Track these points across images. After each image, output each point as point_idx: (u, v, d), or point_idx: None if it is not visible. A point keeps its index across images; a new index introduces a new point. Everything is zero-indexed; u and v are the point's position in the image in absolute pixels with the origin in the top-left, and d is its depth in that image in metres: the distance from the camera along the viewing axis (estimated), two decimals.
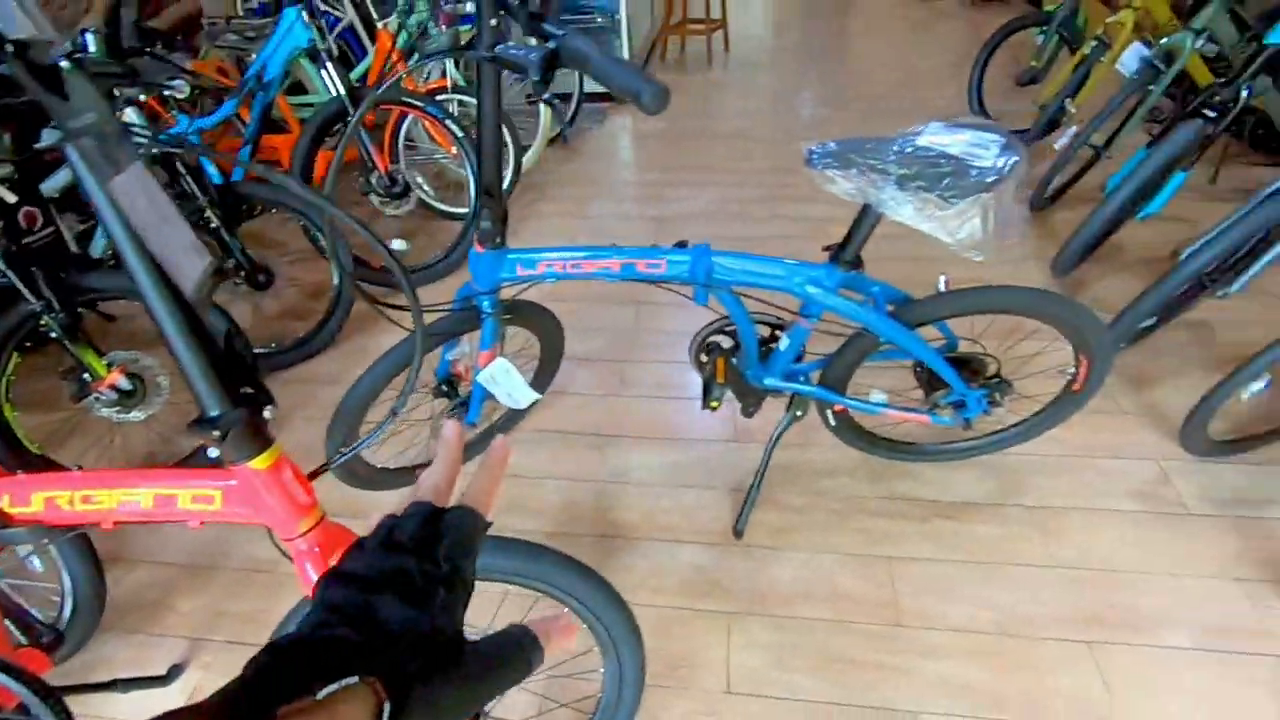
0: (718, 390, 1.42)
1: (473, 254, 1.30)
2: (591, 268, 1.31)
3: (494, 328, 1.39)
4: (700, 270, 1.29)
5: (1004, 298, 1.34)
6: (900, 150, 1.16)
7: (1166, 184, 2.11)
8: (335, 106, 2.28)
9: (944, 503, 1.59)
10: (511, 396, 1.46)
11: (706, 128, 3.83)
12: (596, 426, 1.87)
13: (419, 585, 0.32)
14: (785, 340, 1.45)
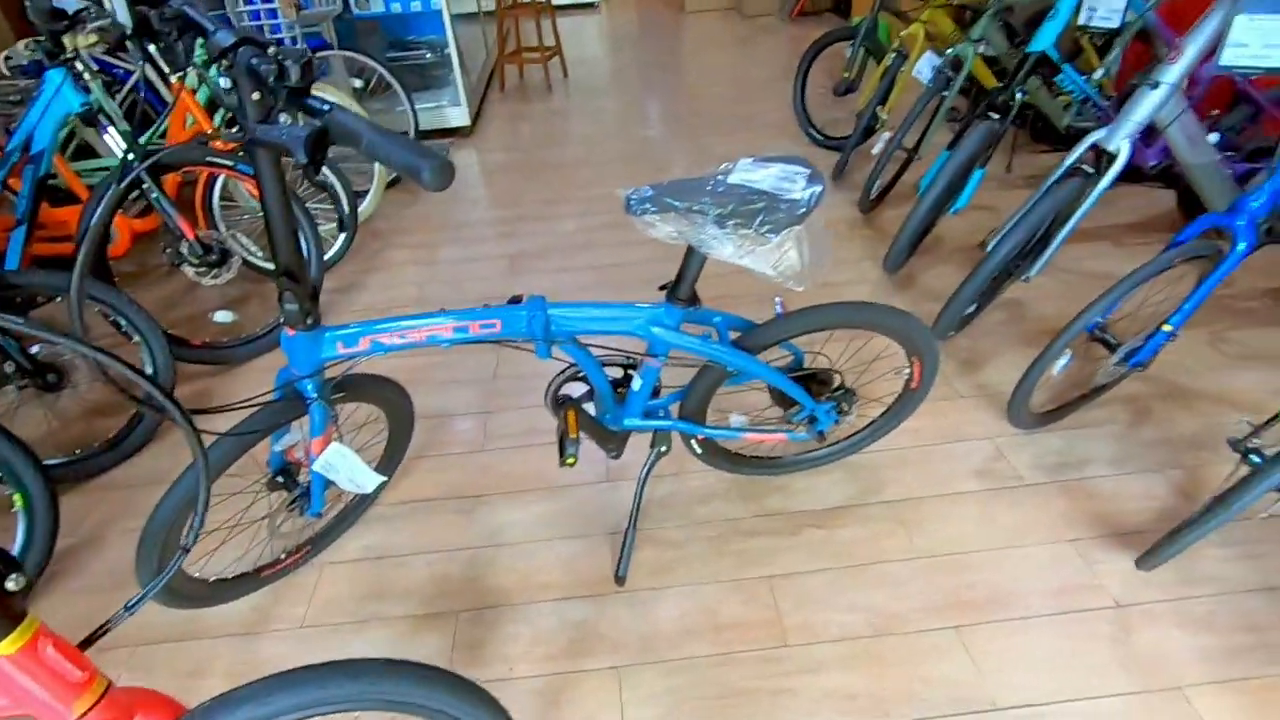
0: (571, 446, 1.38)
1: (284, 338, 1.19)
2: (421, 335, 1.24)
3: (323, 412, 1.27)
4: (537, 325, 1.25)
5: (833, 314, 1.40)
6: (714, 189, 1.17)
7: (969, 181, 2.32)
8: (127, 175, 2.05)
9: (812, 511, 1.64)
10: (354, 482, 1.34)
11: (551, 157, 3.82)
12: (462, 488, 1.77)
13: None
14: (638, 380, 1.43)
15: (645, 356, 1.39)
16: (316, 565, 1.59)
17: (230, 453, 1.23)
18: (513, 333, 1.25)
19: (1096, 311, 1.54)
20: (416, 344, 1.24)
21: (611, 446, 1.53)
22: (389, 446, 1.64)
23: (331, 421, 1.31)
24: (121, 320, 1.90)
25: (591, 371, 1.39)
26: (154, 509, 1.21)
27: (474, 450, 1.89)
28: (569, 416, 1.40)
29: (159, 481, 1.83)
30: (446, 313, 1.23)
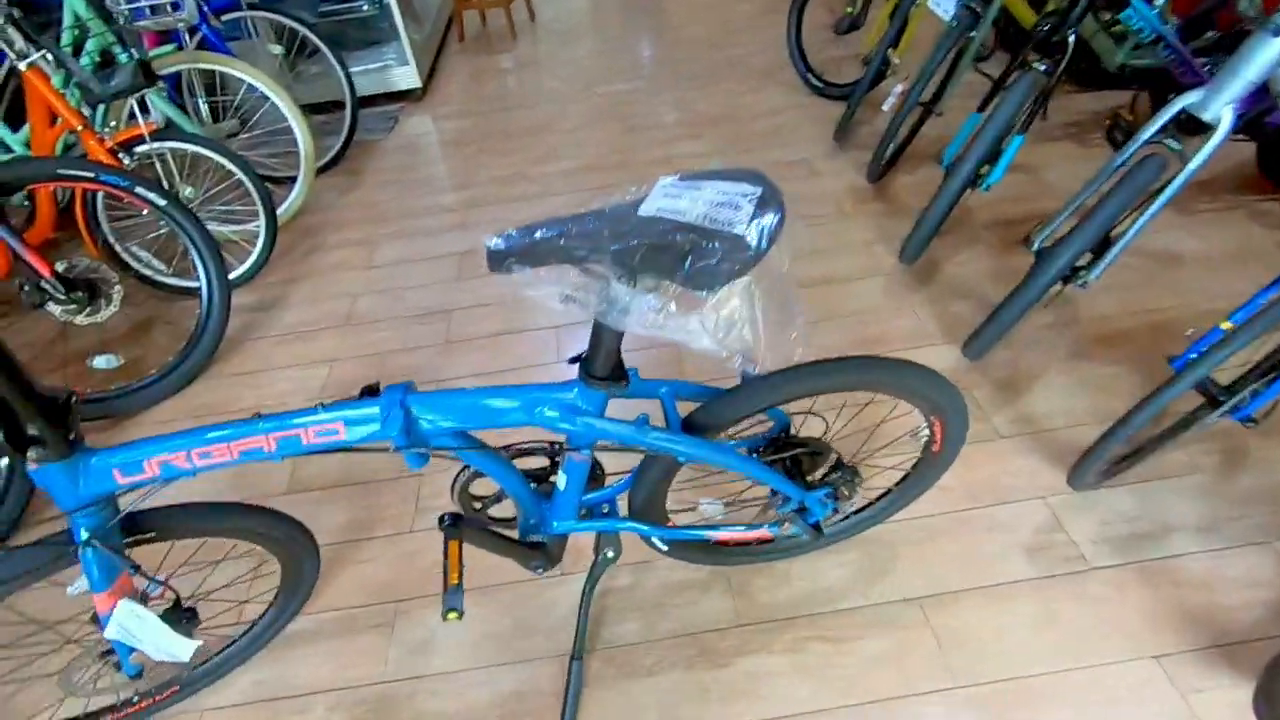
0: (453, 599, 1.01)
1: (37, 475, 0.83)
2: (232, 452, 0.87)
3: (103, 561, 0.92)
4: (397, 426, 0.87)
5: (824, 378, 1.01)
6: (617, 228, 0.76)
7: (1006, 150, 1.87)
8: None
9: (817, 615, 1.29)
10: (160, 648, 0.99)
11: (513, 121, 3.33)
12: (383, 590, 1.43)
13: None
14: (562, 478, 1.06)
15: (566, 450, 1.02)
16: (194, 714, 1.26)
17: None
18: (364, 438, 0.89)
19: (1215, 361, 1.13)
20: (227, 464, 0.88)
21: (538, 562, 1.17)
22: (283, 587, 1.27)
23: (124, 572, 0.95)
24: None
25: (493, 472, 1.03)
26: None
27: (400, 532, 1.54)
28: (450, 551, 1.03)
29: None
30: (267, 418, 0.87)
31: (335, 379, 1.96)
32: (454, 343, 2.03)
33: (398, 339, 2.07)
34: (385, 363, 1.99)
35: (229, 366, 2.06)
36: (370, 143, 3.30)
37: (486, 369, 1.93)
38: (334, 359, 2.03)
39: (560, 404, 0.93)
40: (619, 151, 2.92)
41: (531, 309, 2.09)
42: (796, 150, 2.72)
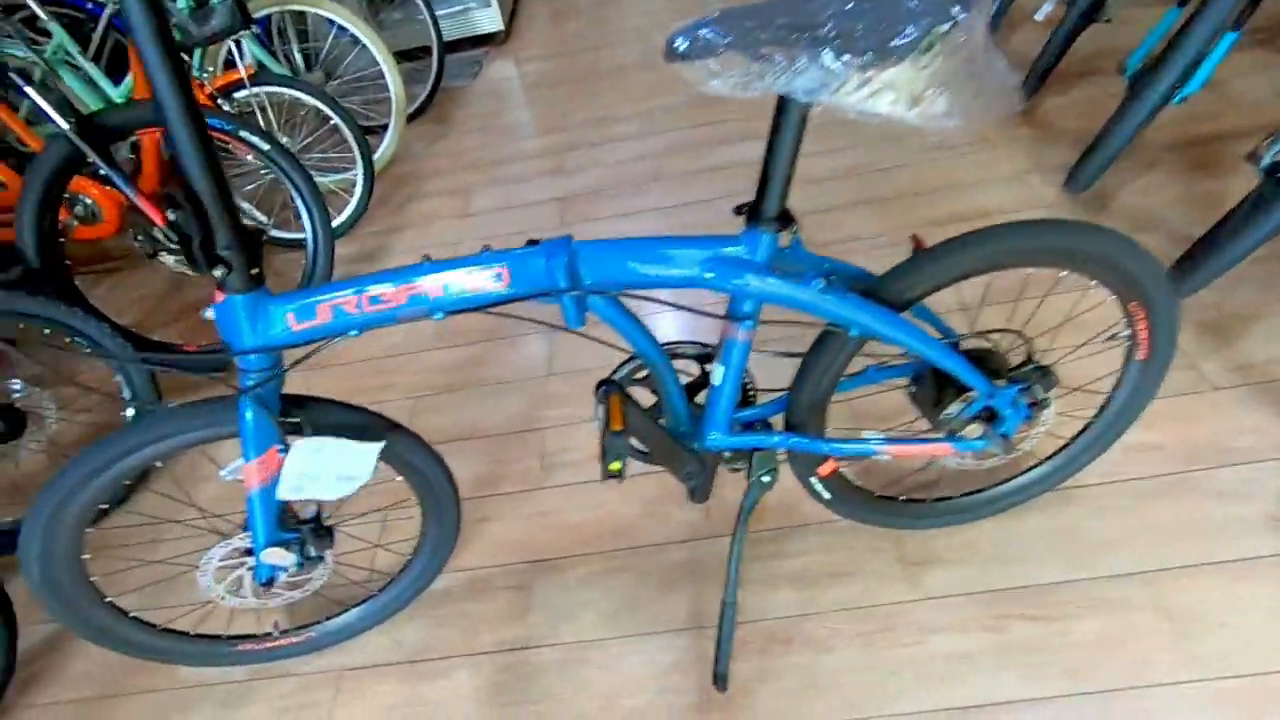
0: (615, 446, 0.95)
1: (216, 309, 0.81)
2: (399, 297, 0.82)
3: (260, 422, 0.88)
4: (559, 273, 0.82)
5: (1008, 242, 0.87)
6: (802, 9, 0.68)
7: (1211, 52, 1.58)
8: (64, 150, 1.60)
9: (1015, 590, 1.12)
10: (344, 478, 0.95)
11: (602, 61, 3.14)
12: (517, 548, 1.34)
13: None
14: (719, 370, 0.95)
15: (726, 326, 0.92)
16: (333, 673, 1.21)
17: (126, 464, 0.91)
18: (527, 288, 0.84)
19: None
20: (395, 313, 0.83)
21: (691, 470, 1.05)
22: (425, 536, 1.19)
23: (273, 446, 0.91)
24: (81, 341, 1.51)
25: (645, 350, 0.93)
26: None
27: (530, 488, 1.44)
28: (611, 404, 0.96)
29: (138, 544, 1.48)
30: (434, 264, 0.82)
31: (445, 328, 1.88)
32: None
33: None
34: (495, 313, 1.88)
35: None
36: (456, 90, 3.18)
37: None
38: None
39: (726, 258, 0.84)
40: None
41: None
42: None
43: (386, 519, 1.41)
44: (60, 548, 0.95)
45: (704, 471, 1.08)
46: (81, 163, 1.67)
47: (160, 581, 1.36)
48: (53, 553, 0.95)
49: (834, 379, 0.99)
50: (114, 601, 1.06)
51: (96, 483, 0.91)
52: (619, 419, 0.94)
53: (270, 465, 0.93)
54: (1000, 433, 1.01)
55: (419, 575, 1.23)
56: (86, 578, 1.02)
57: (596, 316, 0.88)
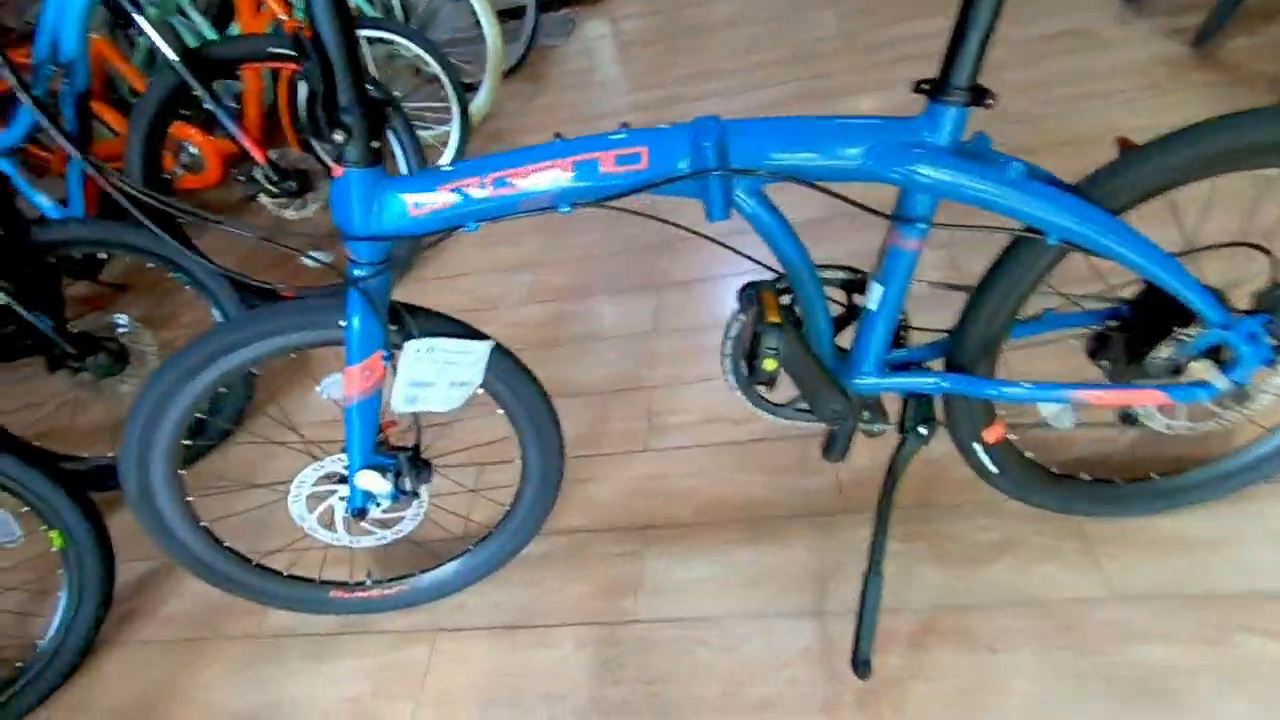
0: (774, 338, 0.81)
1: (331, 187, 0.75)
2: (525, 180, 0.73)
3: (367, 321, 0.82)
4: (707, 151, 0.70)
5: (1255, 133, 0.69)
6: None
7: None
8: (170, 83, 1.57)
9: (1241, 597, 0.92)
10: (456, 384, 0.89)
11: (701, 16, 2.98)
12: (624, 513, 1.22)
13: None
14: (875, 290, 0.81)
15: (890, 232, 0.78)
16: (428, 633, 1.12)
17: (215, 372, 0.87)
18: (667, 170, 0.73)
19: None
20: (520, 198, 0.74)
21: (837, 407, 0.89)
22: (524, 483, 1.09)
23: (378, 351, 0.85)
24: (182, 276, 1.47)
25: (789, 256, 0.79)
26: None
27: (635, 449, 1.32)
28: (765, 298, 0.84)
29: (248, 477, 1.44)
30: (565, 143, 0.73)
31: (542, 283, 1.77)
32: (672, 243, 1.77)
33: (607, 242, 1.84)
34: (595, 267, 1.77)
35: (429, 270, 1.94)
36: (549, 48, 3.09)
37: (715, 272, 1.66)
38: (539, 263, 1.84)
39: (901, 140, 0.70)
40: (837, 37, 2.49)
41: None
42: (1072, 18, 2.18)
43: (481, 472, 1.32)
44: (157, 456, 0.91)
45: (850, 414, 0.92)
46: (185, 100, 1.64)
47: (261, 508, 1.31)
48: (150, 459, 0.91)
49: (1016, 304, 0.82)
50: (209, 527, 1.01)
51: (192, 385, 0.87)
52: (775, 310, 0.80)
53: (374, 372, 0.86)
54: (1233, 379, 0.81)
55: (518, 529, 1.12)
56: (183, 495, 0.98)
57: (741, 215, 0.75)
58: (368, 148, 0.72)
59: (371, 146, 0.72)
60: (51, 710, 1.17)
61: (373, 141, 0.72)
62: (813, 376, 0.87)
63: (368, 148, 0.72)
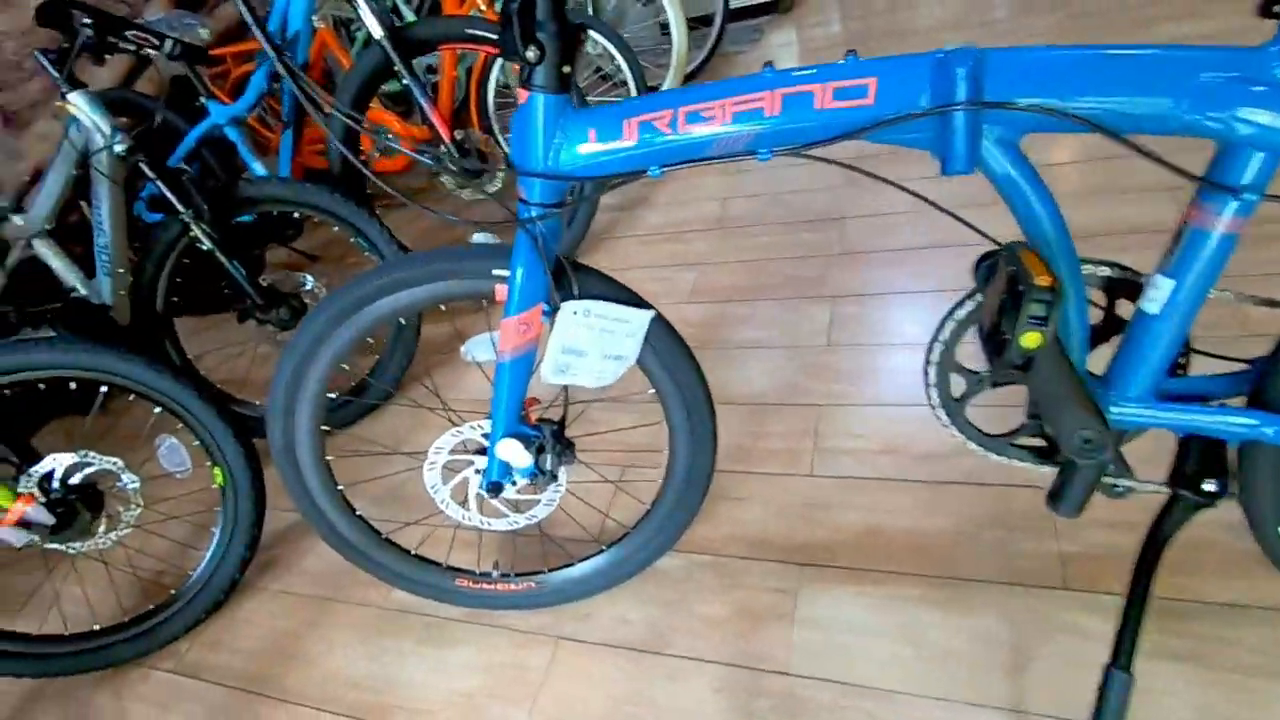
0: (1042, 303, 0.60)
1: (516, 115, 0.68)
2: (724, 115, 0.62)
3: (532, 266, 0.74)
4: (958, 82, 0.56)
5: None
6: None
7: None
8: (375, 59, 1.64)
9: None
10: (610, 357, 0.80)
11: (902, 22, 2.76)
12: (778, 541, 1.05)
13: None
14: (1160, 289, 0.62)
15: (1192, 208, 0.59)
16: (550, 638, 1.02)
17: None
18: (900, 107, 0.59)
19: None
20: (713, 139, 0.63)
21: (1088, 438, 0.65)
22: (669, 479, 0.96)
23: (539, 304, 0.77)
24: (363, 243, 1.51)
25: (1046, 231, 0.62)
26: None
27: (796, 471, 1.15)
28: (1027, 257, 0.63)
29: (396, 444, 1.44)
30: (777, 73, 0.62)
31: (705, 282, 1.66)
32: (854, 254, 1.59)
33: (779, 245, 1.69)
34: (765, 271, 1.63)
35: (591, 262, 1.88)
36: (732, 55, 3.00)
37: (900, 287, 1.46)
38: (704, 262, 1.73)
39: (1230, 75, 0.51)
40: (1074, 38, 2.19)
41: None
42: None
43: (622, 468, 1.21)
44: (304, 402, 0.89)
45: (1106, 448, 0.70)
46: (384, 77, 1.71)
47: (396, 474, 1.29)
48: (297, 408, 0.89)
49: None
50: (344, 492, 0.97)
51: (341, 331, 0.84)
52: (1044, 270, 0.61)
53: (531, 327, 0.78)
54: None
55: (657, 531, 1.00)
56: (323, 453, 0.95)
57: (985, 173, 0.61)
58: (558, 71, 0.65)
59: (563, 71, 0.65)
60: (191, 642, 1.20)
61: (564, 66, 0.65)
62: (1067, 386, 0.66)
63: (558, 71, 0.65)
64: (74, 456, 1.09)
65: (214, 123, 1.80)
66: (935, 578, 0.95)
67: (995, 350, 0.65)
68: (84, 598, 1.27)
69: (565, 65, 0.65)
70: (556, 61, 0.64)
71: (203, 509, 1.34)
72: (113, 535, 1.14)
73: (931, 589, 0.94)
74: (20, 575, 1.43)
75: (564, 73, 0.65)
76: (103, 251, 1.48)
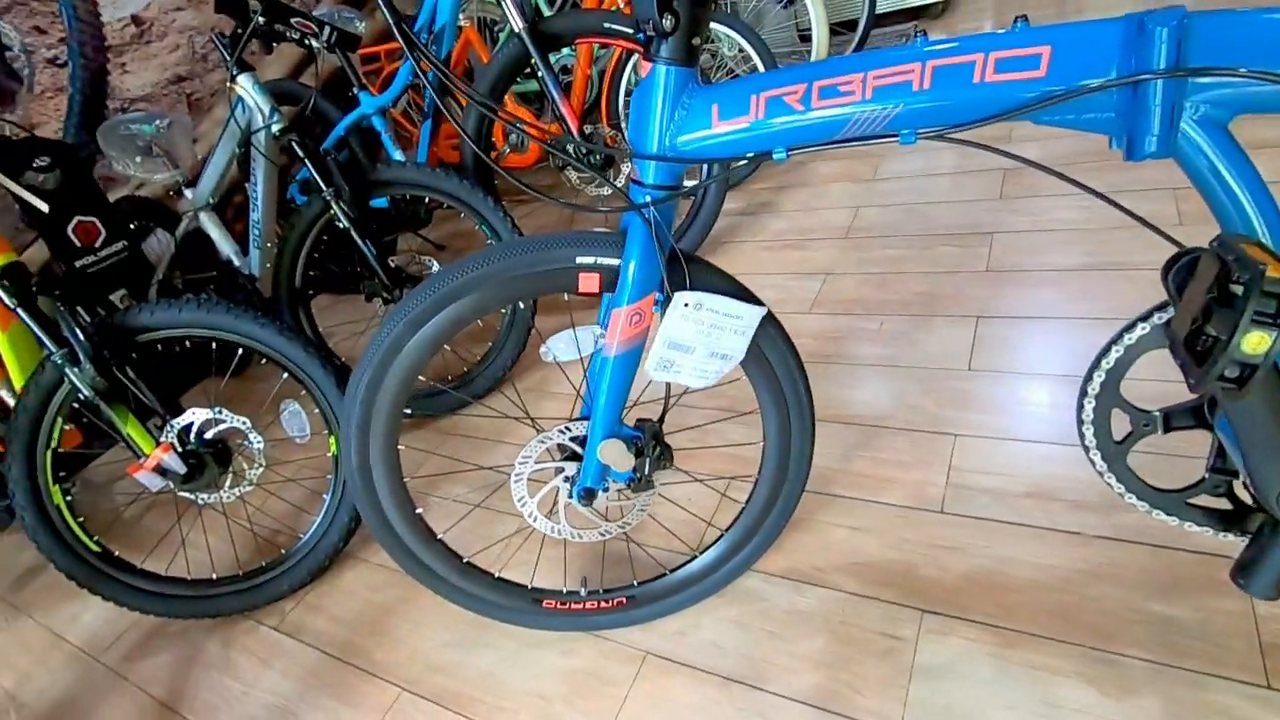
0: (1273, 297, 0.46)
1: (637, 91, 0.64)
2: (865, 89, 0.55)
3: (646, 253, 0.69)
4: (1156, 47, 0.47)
5: None
6: None
7: None
8: (514, 52, 1.66)
9: None
10: (716, 355, 0.75)
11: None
12: (896, 579, 0.94)
13: None
14: None
15: None
16: (637, 652, 0.96)
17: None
18: (1080, 77, 0.51)
19: None
20: (849, 118, 0.57)
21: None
22: (759, 483, 0.89)
23: (651, 293, 0.72)
24: (488, 231, 1.53)
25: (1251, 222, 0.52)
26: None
27: (926, 507, 1.03)
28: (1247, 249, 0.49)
29: (495, 439, 1.44)
30: (929, 42, 0.55)
31: (829, 292, 1.55)
32: (1000, 272, 1.44)
33: (915, 258, 1.56)
34: (897, 285, 1.50)
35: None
36: None
37: (1054, 312, 1.30)
38: (830, 271, 1.62)
39: None
40: None
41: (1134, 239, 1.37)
42: None
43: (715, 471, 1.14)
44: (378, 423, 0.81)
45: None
46: (521, 68, 1.73)
47: (483, 486, 1.28)
48: (370, 427, 0.81)
49: None
50: (423, 515, 0.93)
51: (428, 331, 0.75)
52: (1273, 259, 0.49)
53: (642, 319, 0.73)
54: None
55: (743, 537, 0.92)
56: (400, 473, 0.86)
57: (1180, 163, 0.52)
58: (688, 43, 0.61)
59: (692, 44, 0.61)
60: (295, 602, 1.24)
61: (694, 38, 0.61)
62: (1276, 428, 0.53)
63: (688, 43, 0.61)
64: (209, 413, 1.15)
65: (363, 112, 1.90)
66: (1086, 648, 0.81)
67: (1198, 358, 0.53)
68: (206, 546, 1.35)
69: (695, 37, 0.61)
70: (687, 33, 0.60)
71: (317, 475, 1.39)
72: (236, 491, 1.20)
73: (1081, 663, 0.80)
74: (155, 519, 1.55)
75: (693, 44, 0.61)
76: (255, 226, 1.58)
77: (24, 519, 1.12)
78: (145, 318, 1.12)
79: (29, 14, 1.87)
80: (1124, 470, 0.71)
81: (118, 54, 2.04)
